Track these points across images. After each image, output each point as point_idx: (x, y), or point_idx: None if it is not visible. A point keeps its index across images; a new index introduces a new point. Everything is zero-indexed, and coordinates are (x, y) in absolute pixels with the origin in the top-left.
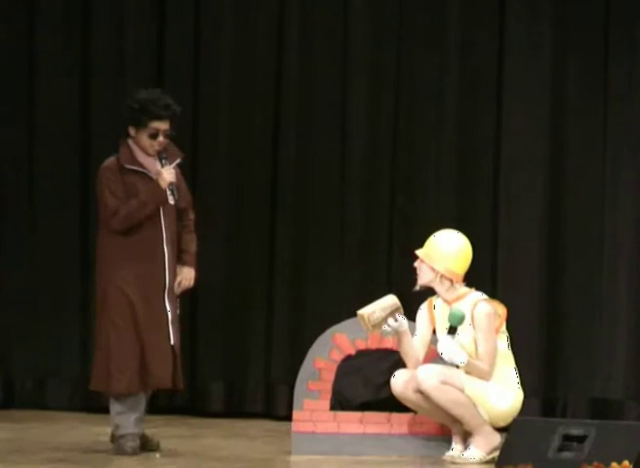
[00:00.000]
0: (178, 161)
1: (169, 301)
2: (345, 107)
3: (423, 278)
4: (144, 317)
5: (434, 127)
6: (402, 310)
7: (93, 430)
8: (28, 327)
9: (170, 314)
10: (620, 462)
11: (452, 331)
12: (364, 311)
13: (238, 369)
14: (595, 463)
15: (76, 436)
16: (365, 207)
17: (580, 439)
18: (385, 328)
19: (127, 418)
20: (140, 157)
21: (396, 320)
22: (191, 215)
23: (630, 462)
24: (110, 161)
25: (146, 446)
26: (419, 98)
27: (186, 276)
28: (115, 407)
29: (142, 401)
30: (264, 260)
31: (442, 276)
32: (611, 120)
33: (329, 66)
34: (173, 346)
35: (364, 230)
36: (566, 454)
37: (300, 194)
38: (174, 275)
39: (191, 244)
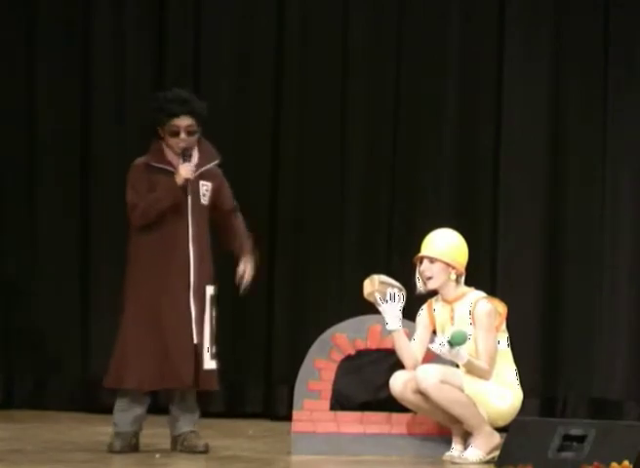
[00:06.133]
0: (216, 162)
1: (194, 300)
2: (345, 110)
3: (439, 278)
4: (166, 315)
5: (435, 130)
6: (404, 296)
7: (93, 430)
8: (29, 326)
9: (194, 313)
10: (620, 462)
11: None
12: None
13: (238, 369)
14: (595, 463)
15: (76, 436)
16: (365, 210)
17: (580, 439)
18: (390, 289)
19: (124, 416)
20: (170, 156)
21: (400, 292)
22: (238, 217)
23: (630, 462)
24: (139, 160)
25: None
26: (419, 103)
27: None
28: (117, 403)
29: (146, 400)
30: (264, 260)
31: (455, 271)
32: (610, 121)
33: (328, 68)
34: (196, 345)
35: (364, 232)
36: (566, 454)
37: (301, 195)
38: (201, 273)
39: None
